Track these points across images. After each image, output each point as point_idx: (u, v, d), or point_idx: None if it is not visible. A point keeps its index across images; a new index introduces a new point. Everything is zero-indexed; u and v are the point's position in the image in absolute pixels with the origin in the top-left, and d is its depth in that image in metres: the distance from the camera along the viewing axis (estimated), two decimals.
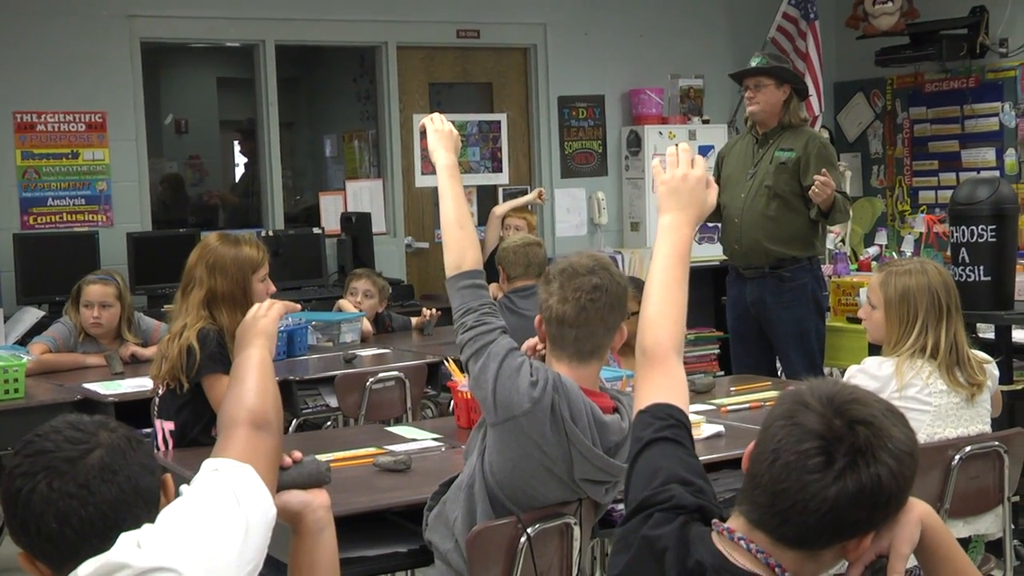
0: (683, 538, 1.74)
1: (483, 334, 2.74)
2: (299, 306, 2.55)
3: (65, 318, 5.22)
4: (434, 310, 6.06)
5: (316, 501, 1.97)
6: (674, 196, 2.18)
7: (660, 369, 2.04)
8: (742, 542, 1.70)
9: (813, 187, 5.20)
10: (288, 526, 1.97)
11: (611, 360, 4.25)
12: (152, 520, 1.68)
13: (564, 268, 2.82)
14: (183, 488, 1.77)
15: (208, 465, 1.82)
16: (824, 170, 5.24)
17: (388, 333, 6.08)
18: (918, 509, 1.74)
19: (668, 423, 1.95)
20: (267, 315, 2.22)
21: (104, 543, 1.62)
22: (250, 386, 2.02)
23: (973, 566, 1.79)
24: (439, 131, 3.04)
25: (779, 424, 1.67)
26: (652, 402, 1.99)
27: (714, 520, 1.77)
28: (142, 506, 1.69)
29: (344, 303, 6.02)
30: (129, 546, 1.61)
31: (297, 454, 2.04)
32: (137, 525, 1.65)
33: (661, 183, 2.21)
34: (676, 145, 2.26)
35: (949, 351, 3.39)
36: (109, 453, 1.69)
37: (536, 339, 2.90)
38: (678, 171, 2.20)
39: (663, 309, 2.08)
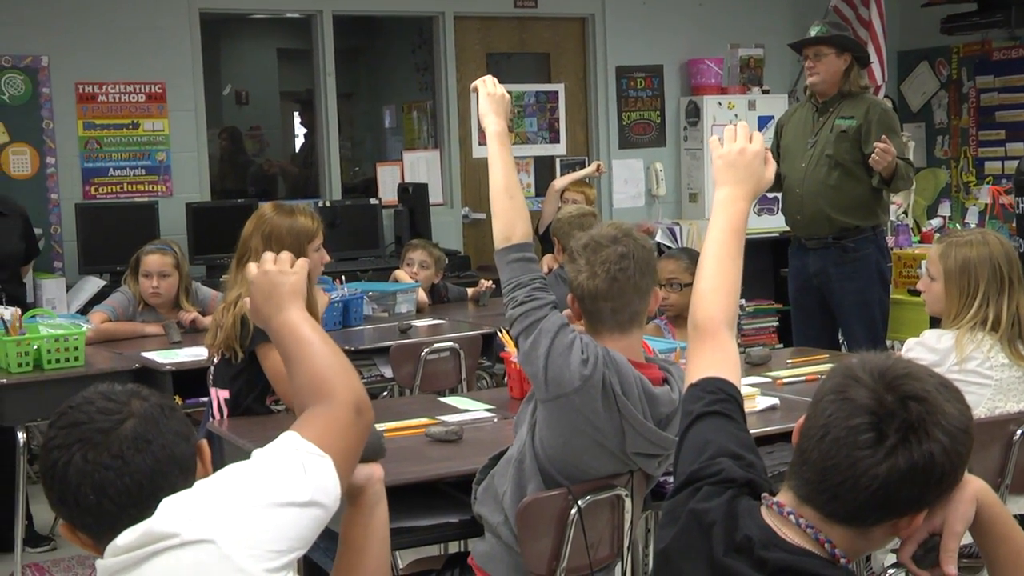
0: (731, 512, 1.72)
1: (534, 310, 2.71)
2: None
3: (124, 287, 5.28)
4: (490, 281, 6.05)
5: (376, 474, 1.93)
6: (731, 170, 2.16)
7: (712, 343, 2.02)
8: (791, 516, 1.67)
9: (873, 155, 5.12)
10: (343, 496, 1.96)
11: (665, 332, 4.22)
12: (189, 486, 1.67)
13: (587, 243, 2.79)
14: (256, 452, 1.74)
15: (290, 441, 1.75)
16: (884, 137, 5.15)
17: (444, 304, 6.08)
18: (973, 486, 1.69)
19: (719, 397, 1.93)
20: (297, 272, 2.04)
21: (143, 512, 1.62)
22: (340, 361, 1.90)
23: None
24: (491, 95, 2.98)
25: (829, 399, 1.64)
26: (703, 376, 1.97)
27: (763, 494, 1.74)
28: (178, 474, 1.68)
29: (400, 273, 6.03)
30: (176, 513, 1.60)
31: None
32: (173, 493, 1.64)
33: (718, 157, 2.19)
34: (734, 121, 2.23)
35: (1011, 324, 3.32)
36: (142, 422, 1.68)
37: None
38: (735, 145, 2.18)
39: (717, 283, 2.06)
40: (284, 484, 1.68)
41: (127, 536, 1.60)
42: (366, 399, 1.87)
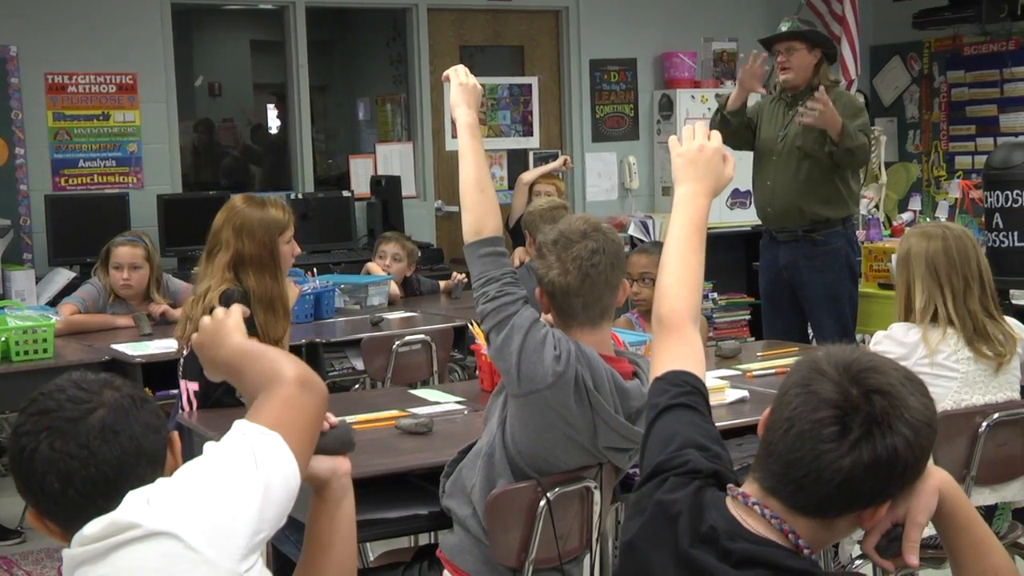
0: (697, 503, 1.73)
1: (506, 305, 2.70)
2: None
3: (94, 279, 5.26)
4: (463, 274, 6.05)
5: (342, 468, 1.93)
6: (691, 167, 2.20)
7: (676, 337, 2.04)
8: (756, 507, 1.68)
9: (806, 107, 5.14)
10: (309, 488, 1.96)
11: (636, 325, 4.23)
12: (157, 478, 1.67)
13: (556, 239, 2.78)
14: (207, 445, 1.74)
15: (237, 427, 1.78)
16: (821, 88, 5.17)
17: (416, 297, 6.08)
18: (936, 477, 1.70)
19: (684, 390, 1.94)
20: (232, 314, 2.08)
21: (109, 503, 1.61)
22: (283, 353, 1.96)
23: (992, 535, 1.76)
24: (463, 85, 2.95)
25: (794, 392, 1.65)
26: (668, 369, 1.99)
27: (729, 485, 1.76)
28: (145, 466, 1.68)
29: (372, 266, 6.02)
30: (138, 505, 1.60)
31: (333, 419, 1.99)
32: (141, 484, 1.64)
33: (677, 155, 2.23)
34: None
35: (964, 321, 3.33)
36: (111, 413, 1.67)
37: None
38: (694, 143, 2.22)
39: (679, 278, 2.09)
40: (236, 471, 1.68)
41: (93, 527, 1.60)
42: (310, 375, 1.89)
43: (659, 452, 1.85)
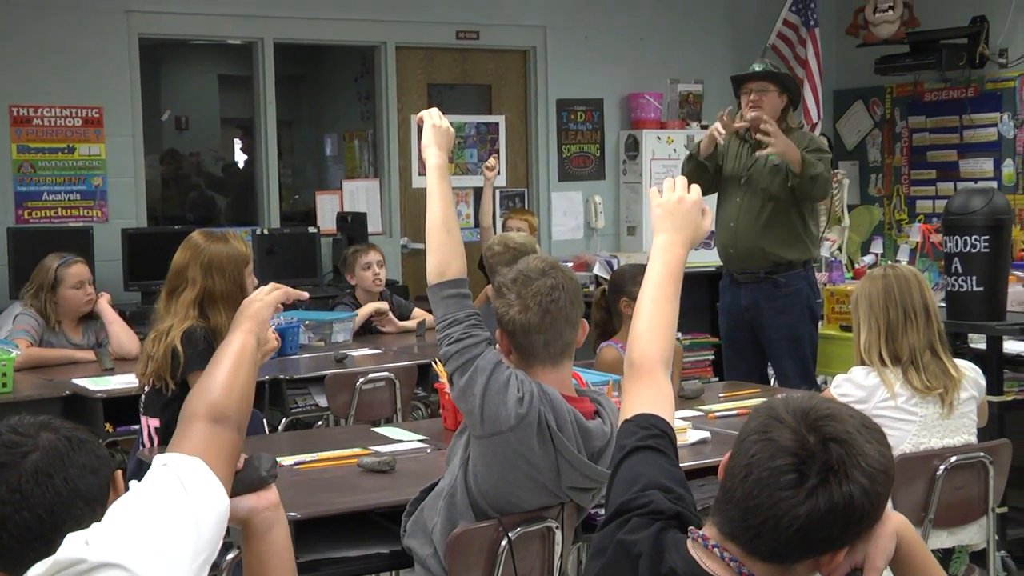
0: (658, 544, 1.75)
1: (470, 347, 2.71)
2: (307, 295, 2.45)
3: (28, 309, 5.15)
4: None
5: (261, 504, 1.93)
6: (669, 218, 2.25)
7: (647, 381, 2.07)
8: (716, 550, 1.70)
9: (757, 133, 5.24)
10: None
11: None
12: (98, 519, 1.67)
13: (515, 277, 2.80)
14: (132, 483, 1.75)
15: (158, 460, 1.80)
16: (763, 125, 5.27)
17: (389, 317, 6.05)
18: (893, 521, 1.73)
19: (652, 432, 1.97)
20: (263, 299, 2.17)
21: (48, 546, 1.61)
22: (218, 378, 1.98)
23: None
24: (436, 127, 2.98)
25: (753, 438, 1.67)
26: (637, 412, 2.02)
27: (690, 527, 1.77)
28: (82, 507, 1.67)
29: (368, 308, 5.97)
30: (78, 544, 1.60)
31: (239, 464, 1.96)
32: (80, 526, 1.64)
33: (657, 206, 2.28)
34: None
35: (901, 353, 3.39)
36: (45, 456, 1.67)
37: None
38: (674, 195, 2.27)
39: (653, 324, 2.13)
40: (168, 499, 1.70)
41: (37, 569, 1.60)
42: (222, 410, 1.92)
43: (624, 492, 1.87)
